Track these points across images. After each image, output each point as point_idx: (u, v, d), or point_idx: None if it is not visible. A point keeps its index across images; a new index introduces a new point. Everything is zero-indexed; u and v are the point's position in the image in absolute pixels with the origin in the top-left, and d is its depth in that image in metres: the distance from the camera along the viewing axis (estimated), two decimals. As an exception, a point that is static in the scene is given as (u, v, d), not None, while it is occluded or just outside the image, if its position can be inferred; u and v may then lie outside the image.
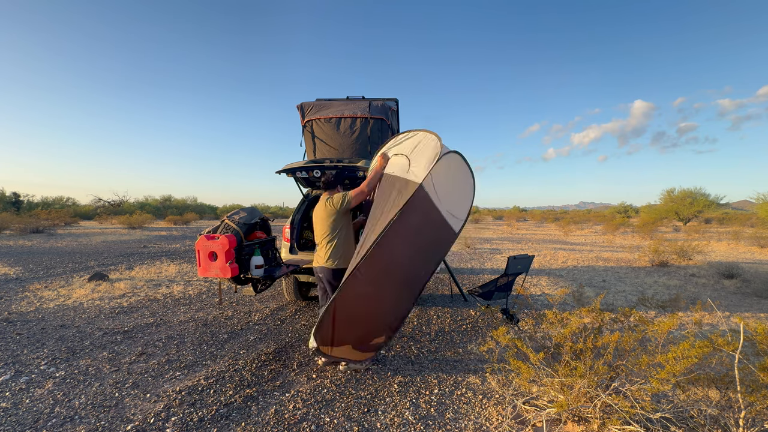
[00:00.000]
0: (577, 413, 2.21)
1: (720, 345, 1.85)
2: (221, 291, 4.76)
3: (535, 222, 31.78)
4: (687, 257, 8.78)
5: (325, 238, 3.13)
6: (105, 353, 3.33)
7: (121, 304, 4.88)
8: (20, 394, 2.61)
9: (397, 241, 2.54)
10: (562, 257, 9.85)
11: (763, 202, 17.80)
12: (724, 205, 27.55)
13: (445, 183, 2.65)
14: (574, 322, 2.28)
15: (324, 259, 3.12)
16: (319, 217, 3.18)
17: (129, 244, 11.87)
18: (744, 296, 5.67)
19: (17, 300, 4.99)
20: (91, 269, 7.20)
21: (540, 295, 5.70)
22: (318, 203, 3.24)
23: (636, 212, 38.08)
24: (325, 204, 3.14)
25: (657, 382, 1.85)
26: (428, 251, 2.93)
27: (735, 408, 1.84)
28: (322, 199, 3.21)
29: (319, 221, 3.19)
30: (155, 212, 27.44)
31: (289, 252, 4.47)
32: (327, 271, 3.12)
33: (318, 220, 3.20)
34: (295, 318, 4.43)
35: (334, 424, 2.33)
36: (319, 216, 3.18)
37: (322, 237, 3.16)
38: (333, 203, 3.10)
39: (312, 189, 5.12)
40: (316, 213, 3.23)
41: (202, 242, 3.15)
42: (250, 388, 2.74)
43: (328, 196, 3.18)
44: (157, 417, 2.36)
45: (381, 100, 4.92)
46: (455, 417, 2.43)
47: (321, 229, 3.17)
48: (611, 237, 16.64)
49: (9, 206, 20.12)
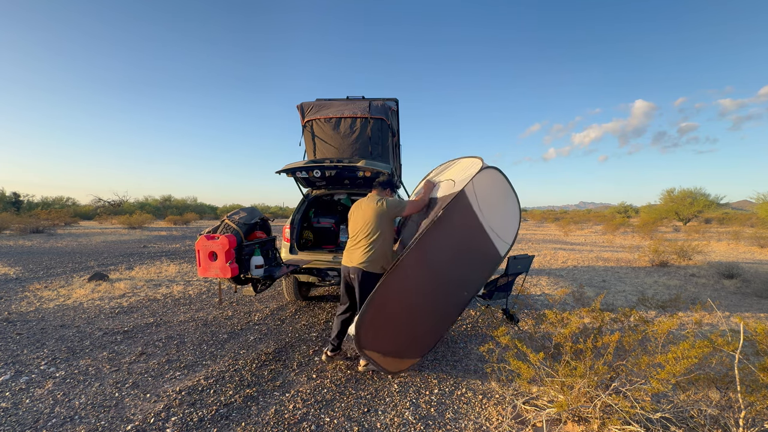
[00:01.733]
0: (577, 413, 2.21)
1: (720, 345, 1.86)
2: (221, 291, 4.76)
3: (535, 222, 31.78)
4: (687, 257, 8.78)
5: (365, 237, 2.95)
6: (105, 353, 3.33)
7: (121, 304, 4.88)
8: (20, 394, 2.61)
9: (440, 241, 2.59)
10: (562, 257, 9.85)
11: (763, 202, 17.81)
12: (724, 205, 27.56)
13: (487, 198, 2.70)
14: (574, 322, 2.28)
15: (358, 259, 2.93)
16: (364, 215, 3.00)
17: (129, 244, 11.86)
18: (744, 296, 5.67)
19: (17, 300, 4.98)
20: (91, 269, 7.20)
21: (540, 295, 5.71)
22: (364, 201, 3.09)
23: (636, 212, 38.08)
24: (377, 204, 2.98)
25: (657, 382, 1.85)
26: (471, 263, 2.92)
27: (735, 408, 1.84)
28: (371, 197, 3.08)
29: (361, 219, 3.01)
30: (155, 212, 27.44)
31: (289, 252, 4.47)
32: (359, 272, 2.92)
33: (360, 218, 3.02)
34: (295, 318, 4.43)
35: (334, 424, 2.33)
36: (365, 214, 3.00)
37: (361, 236, 2.97)
38: (387, 204, 2.96)
39: (312, 189, 5.11)
40: (361, 210, 3.05)
41: (202, 242, 3.15)
42: (250, 388, 2.74)
43: (379, 197, 3.05)
44: (157, 417, 2.36)
45: (381, 100, 4.92)
46: (455, 417, 2.43)
47: (362, 228, 2.98)
48: (611, 237, 16.64)
49: (9, 206, 20.11)
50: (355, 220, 3.09)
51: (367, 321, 2.58)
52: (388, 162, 4.94)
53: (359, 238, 2.99)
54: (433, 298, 2.84)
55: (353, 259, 2.98)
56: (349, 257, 3.02)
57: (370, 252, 2.92)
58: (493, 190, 2.78)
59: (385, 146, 4.85)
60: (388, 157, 4.96)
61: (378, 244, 2.93)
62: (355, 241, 3.03)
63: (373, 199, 3.06)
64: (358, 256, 2.95)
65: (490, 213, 2.75)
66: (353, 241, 3.05)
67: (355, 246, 3.01)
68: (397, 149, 6.04)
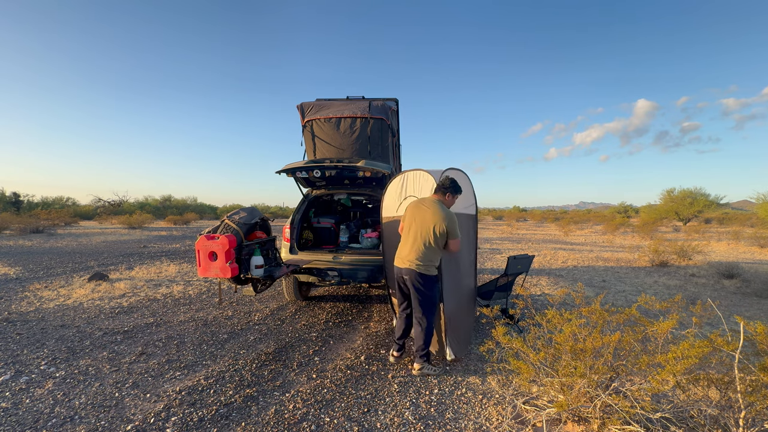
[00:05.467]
0: (577, 413, 2.21)
1: (720, 345, 1.85)
2: (221, 291, 4.77)
3: (535, 222, 31.77)
4: (687, 257, 8.78)
5: (422, 240, 2.89)
6: (105, 353, 3.33)
7: (121, 304, 4.88)
8: (20, 394, 2.61)
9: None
10: (562, 257, 9.85)
11: (763, 202, 17.81)
12: (724, 205, 27.55)
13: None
14: (574, 322, 2.27)
15: (412, 261, 2.90)
16: (426, 216, 2.91)
17: (129, 244, 11.86)
18: (744, 296, 5.67)
19: (17, 300, 4.99)
20: (91, 269, 7.21)
21: (540, 295, 5.70)
22: (427, 203, 2.98)
23: (636, 212, 38.07)
24: (442, 211, 2.88)
25: (657, 382, 1.85)
26: (468, 239, 3.81)
27: (735, 408, 1.84)
28: (434, 202, 2.97)
29: (421, 222, 2.91)
30: (155, 212, 27.41)
31: (289, 252, 4.46)
32: (414, 273, 2.90)
33: (421, 221, 2.92)
34: (295, 318, 4.43)
35: (334, 424, 2.33)
36: (427, 215, 2.90)
37: (419, 239, 2.90)
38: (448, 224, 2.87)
39: (312, 189, 5.11)
40: (421, 213, 2.95)
41: (202, 242, 3.15)
42: (250, 388, 2.74)
43: (441, 199, 2.99)
44: (157, 417, 2.36)
45: (381, 100, 4.92)
46: (455, 417, 2.43)
47: (421, 231, 2.90)
48: (611, 237, 16.64)
49: (9, 206, 20.12)
50: (413, 219, 2.99)
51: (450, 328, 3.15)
52: (388, 162, 4.94)
53: (414, 238, 2.94)
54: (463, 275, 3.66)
55: (406, 261, 2.95)
56: (404, 259, 2.98)
57: (425, 254, 2.89)
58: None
59: (385, 146, 4.85)
60: (388, 157, 4.96)
61: (434, 249, 2.90)
62: (411, 243, 2.96)
63: (435, 205, 2.94)
64: (413, 258, 2.91)
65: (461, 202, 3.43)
66: (408, 240, 3.00)
67: (409, 247, 2.96)
68: (397, 149, 6.03)
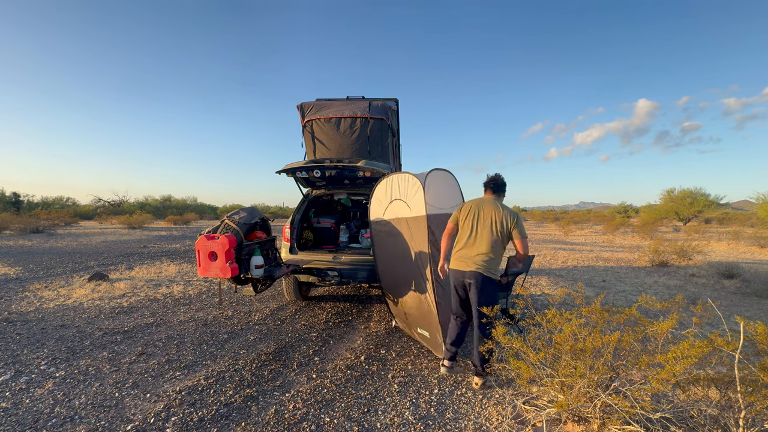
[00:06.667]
0: (577, 413, 2.21)
1: (720, 345, 1.85)
2: (221, 291, 4.76)
3: (535, 222, 31.78)
4: (687, 257, 8.78)
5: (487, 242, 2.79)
6: (105, 353, 3.33)
7: (121, 304, 4.88)
8: (20, 394, 2.61)
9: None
10: (562, 257, 9.85)
11: (763, 202, 17.80)
12: (724, 205, 27.54)
13: (436, 196, 3.33)
14: (574, 322, 2.27)
15: (479, 264, 2.77)
16: (485, 220, 2.83)
17: (129, 244, 11.86)
18: (744, 296, 5.67)
19: (17, 300, 4.99)
20: (91, 269, 7.20)
21: (540, 295, 5.70)
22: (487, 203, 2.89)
23: (636, 212, 38.05)
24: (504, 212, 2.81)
25: (657, 382, 1.85)
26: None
27: (735, 408, 1.84)
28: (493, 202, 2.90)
29: (484, 223, 2.83)
30: (155, 212, 27.42)
31: (289, 252, 4.46)
32: (481, 276, 2.77)
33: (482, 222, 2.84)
34: (295, 318, 4.43)
35: (334, 424, 2.33)
36: (491, 217, 2.82)
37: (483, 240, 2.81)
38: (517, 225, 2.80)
39: (312, 189, 5.11)
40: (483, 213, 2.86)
41: (202, 242, 3.14)
42: (250, 388, 2.74)
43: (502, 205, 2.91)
44: (157, 417, 2.36)
45: (381, 100, 4.92)
46: (455, 417, 2.43)
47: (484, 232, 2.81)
48: (611, 237, 16.65)
49: (9, 206, 20.12)
50: (476, 220, 2.87)
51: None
52: (388, 162, 4.94)
53: (480, 242, 2.82)
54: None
55: (471, 264, 2.81)
56: (465, 261, 2.84)
57: (493, 257, 2.81)
58: (437, 189, 3.42)
59: (384, 146, 4.85)
60: (388, 157, 4.96)
61: (497, 251, 2.82)
62: (473, 243, 2.85)
63: (497, 205, 2.87)
64: (480, 261, 2.79)
65: (442, 202, 3.43)
66: (468, 242, 2.87)
67: (474, 251, 2.83)
68: (397, 149, 6.03)
